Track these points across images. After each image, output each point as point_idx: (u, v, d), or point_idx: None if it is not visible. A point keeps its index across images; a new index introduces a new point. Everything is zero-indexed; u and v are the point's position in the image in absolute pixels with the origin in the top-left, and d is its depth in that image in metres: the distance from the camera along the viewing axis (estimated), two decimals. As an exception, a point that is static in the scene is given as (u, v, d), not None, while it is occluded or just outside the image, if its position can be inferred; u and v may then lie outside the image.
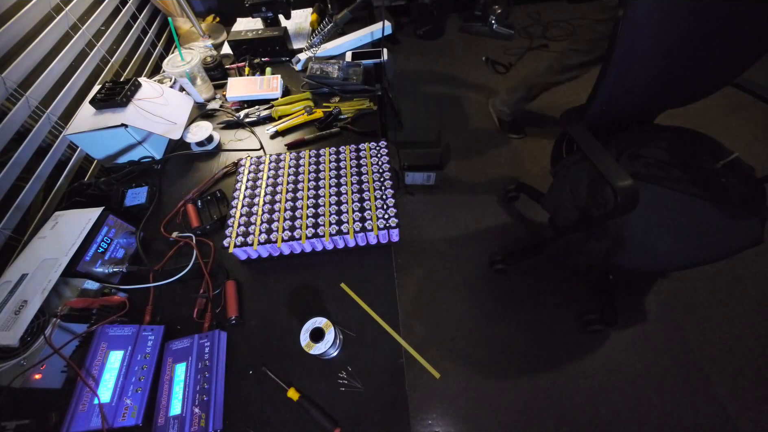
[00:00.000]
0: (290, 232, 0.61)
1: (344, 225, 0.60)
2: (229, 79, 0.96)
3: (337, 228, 0.60)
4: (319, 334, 0.52)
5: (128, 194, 0.76)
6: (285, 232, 0.61)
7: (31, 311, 0.52)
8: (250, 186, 0.69)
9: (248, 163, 0.73)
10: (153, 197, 0.77)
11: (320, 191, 0.66)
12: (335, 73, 0.91)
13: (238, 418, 0.50)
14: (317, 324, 0.52)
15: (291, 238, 0.60)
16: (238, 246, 0.60)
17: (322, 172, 0.69)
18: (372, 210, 0.62)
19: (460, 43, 2.27)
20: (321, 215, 0.62)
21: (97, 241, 0.62)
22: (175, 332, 0.59)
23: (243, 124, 0.88)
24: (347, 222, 0.61)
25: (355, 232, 0.59)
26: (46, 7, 0.81)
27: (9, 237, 0.68)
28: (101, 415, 0.47)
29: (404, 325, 1.02)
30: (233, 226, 0.63)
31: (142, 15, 1.13)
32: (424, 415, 1.07)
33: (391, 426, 0.48)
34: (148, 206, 0.75)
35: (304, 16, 1.18)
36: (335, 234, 0.60)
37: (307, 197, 0.65)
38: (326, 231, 0.60)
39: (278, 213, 0.64)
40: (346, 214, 0.62)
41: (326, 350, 0.51)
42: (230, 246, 0.60)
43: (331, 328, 0.52)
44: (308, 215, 0.63)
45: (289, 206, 0.65)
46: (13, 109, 0.70)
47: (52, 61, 0.80)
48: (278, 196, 0.67)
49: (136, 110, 0.78)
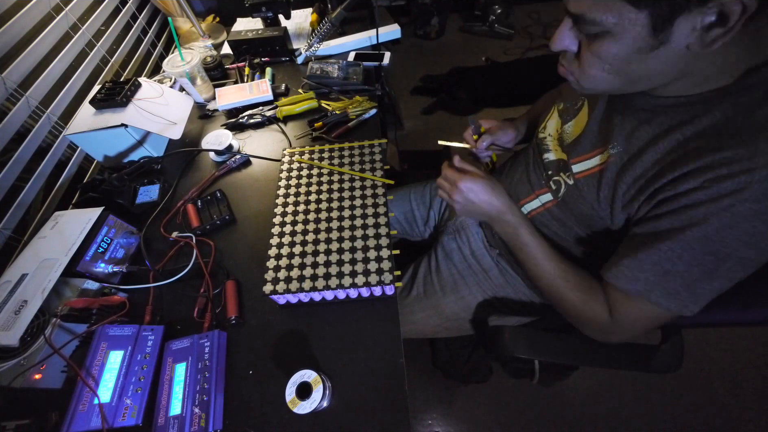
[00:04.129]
0: (298, 283, 0.56)
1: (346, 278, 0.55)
2: (216, 90, 0.93)
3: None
4: (307, 389, 0.47)
5: (141, 191, 0.77)
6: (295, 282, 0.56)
7: (31, 311, 0.52)
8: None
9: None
10: (165, 194, 0.77)
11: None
12: (335, 73, 0.91)
13: (238, 418, 0.50)
14: (305, 378, 0.47)
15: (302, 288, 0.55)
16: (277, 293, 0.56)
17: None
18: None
19: (460, 43, 2.27)
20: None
21: (97, 241, 0.62)
22: (175, 332, 0.59)
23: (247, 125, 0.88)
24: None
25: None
26: (46, 7, 0.81)
27: (9, 237, 0.68)
28: (101, 415, 0.47)
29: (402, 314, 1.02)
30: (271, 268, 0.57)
31: (142, 15, 1.13)
32: (424, 415, 1.07)
33: (391, 426, 0.48)
34: (159, 203, 0.75)
35: (304, 16, 1.18)
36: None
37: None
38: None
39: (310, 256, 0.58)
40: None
41: (316, 407, 0.46)
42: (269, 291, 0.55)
43: (319, 384, 0.47)
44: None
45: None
46: (13, 109, 0.70)
47: (52, 61, 0.80)
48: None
49: (136, 110, 0.78)
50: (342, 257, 0.58)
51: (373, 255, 0.58)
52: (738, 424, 0.99)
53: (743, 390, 1.04)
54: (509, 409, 1.06)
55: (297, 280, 0.56)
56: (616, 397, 1.05)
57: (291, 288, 0.55)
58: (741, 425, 0.99)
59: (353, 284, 0.55)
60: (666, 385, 1.06)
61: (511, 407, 1.06)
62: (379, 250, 0.58)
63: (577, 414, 1.04)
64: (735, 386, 1.04)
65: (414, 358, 1.15)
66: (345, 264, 0.57)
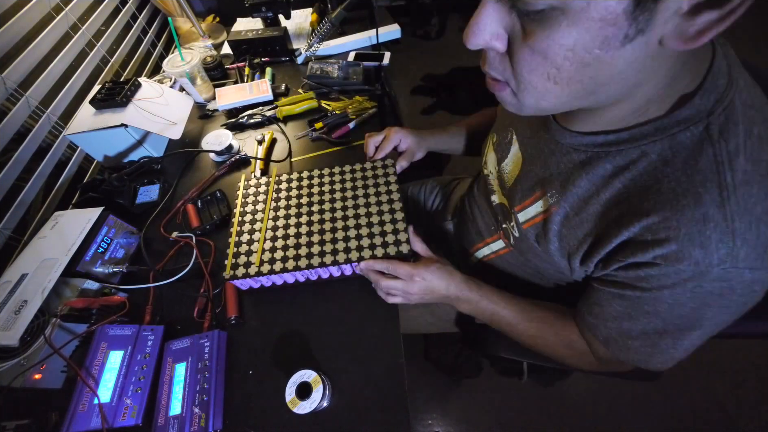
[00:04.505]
0: (294, 261, 0.54)
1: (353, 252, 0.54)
2: (216, 90, 0.93)
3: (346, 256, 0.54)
4: (307, 389, 0.47)
5: (141, 191, 0.77)
6: (289, 261, 0.55)
7: (31, 311, 0.52)
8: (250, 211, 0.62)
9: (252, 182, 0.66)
10: (165, 194, 0.77)
11: (324, 215, 0.60)
12: (335, 73, 0.91)
13: (238, 418, 0.50)
14: (305, 378, 0.48)
15: (296, 267, 0.54)
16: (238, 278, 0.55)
17: (316, 198, 0.63)
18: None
19: (460, 43, 2.27)
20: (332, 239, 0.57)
21: (97, 241, 0.62)
22: (175, 332, 0.59)
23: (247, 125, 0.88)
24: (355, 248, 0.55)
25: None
26: (46, 7, 0.81)
27: (9, 237, 0.68)
28: (101, 415, 0.47)
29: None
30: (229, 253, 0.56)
31: (142, 15, 1.13)
32: (424, 415, 1.07)
33: (391, 426, 0.48)
34: (159, 203, 0.75)
35: (304, 16, 1.18)
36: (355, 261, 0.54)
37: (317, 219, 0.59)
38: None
39: (281, 239, 0.58)
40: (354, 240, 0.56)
41: (316, 407, 0.46)
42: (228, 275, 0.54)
43: (319, 384, 0.47)
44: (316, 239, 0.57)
45: (293, 232, 0.58)
46: (13, 109, 0.70)
47: (52, 61, 0.80)
48: (280, 221, 0.60)
49: (136, 110, 0.78)
50: (360, 232, 0.56)
51: (390, 228, 0.56)
52: (738, 424, 0.99)
53: (743, 390, 1.04)
54: (509, 409, 1.06)
55: (306, 257, 0.54)
56: (616, 397, 1.05)
57: (300, 265, 0.54)
58: (741, 425, 0.99)
59: (373, 255, 0.53)
60: (666, 385, 1.06)
61: (511, 407, 1.06)
62: (395, 223, 0.56)
63: (577, 414, 1.04)
64: (735, 386, 1.04)
65: (413, 357, 1.15)
66: (363, 238, 0.55)
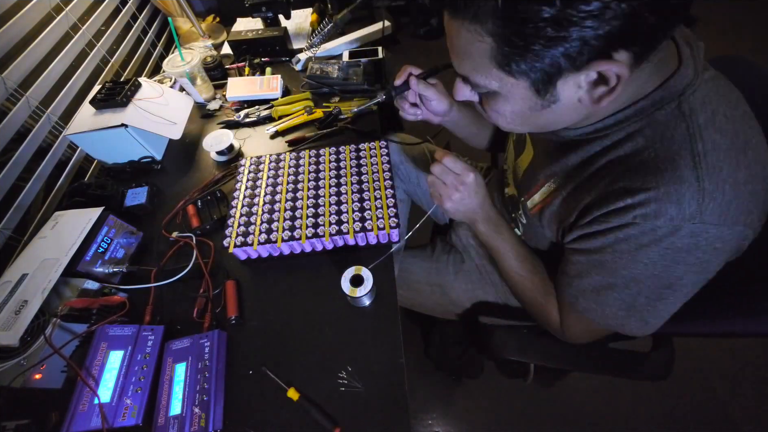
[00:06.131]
0: (290, 232, 0.61)
1: (344, 225, 0.61)
2: (229, 79, 0.95)
3: (337, 228, 0.60)
4: (359, 279, 0.55)
5: (128, 194, 0.76)
6: (285, 232, 0.61)
7: (31, 311, 0.52)
8: (250, 186, 0.69)
9: (248, 164, 0.73)
10: (153, 197, 0.77)
11: (320, 191, 0.66)
12: (335, 73, 0.91)
13: (238, 418, 0.50)
14: (352, 272, 0.56)
15: (291, 238, 0.60)
16: (238, 246, 0.60)
17: (322, 172, 0.69)
18: (372, 210, 0.62)
19: (460, 43, 2.27)
20: (321, 215, 0.63)
21: (97, 241, 0.62)
22: (175, 332, 0.59)
23: (243, 124, 0.88)
24: (347, 222, 0.61)
25: (355, 232, 0.59)
26: (46, 7, 0.81)
27: (9, 237, 0.68)
28: (101, 415, 0.47)
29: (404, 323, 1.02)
30: (233, 226, 0.63)
31: (142, 15, 1.12)
32: (424, 415, 1.07)
33: (391, 426, 0.48)
34: (149, 206, 0.75)
35: (304, 16, 1.18)
36: (335, 234, 0.60)
37: (307, 197, 0.66)
38: (326, 231, 0.60)
39: (278, 213, 0.64)
40: (346, 214, 0.62)
41: (366, 293, 0.54)
42: (230, 246, 0.61)
43: (368, 272, 0.55)
44: (308, 215, 0.63)
45: (290, 206, 0.65)
46: (13, 110, 0.70)
47: (52, 61, 0.80)
48: (278, 196, 0.67)
49: (136, 110, 0.78)
50: (342, 210, 0.63)
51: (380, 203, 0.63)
52: (738, 424, 0.99)
53: (743, 390, 1.04)
54: (509, 409, 1.06)
55: (289, 229, 0.62)
56: (616, 397, 1.05)
57: (295, 235, 0.61)
58: (741, 425, 0.99)
59: (363, 228, 0.60)
60: (666, 385, 1.06)
61: (511, 407, 1.06)
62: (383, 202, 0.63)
63: (577, 414, 1.04)
64: (735, 386, 1.04)
65: (413, 357, 1.15)
66: (345, 214, 0.63)
